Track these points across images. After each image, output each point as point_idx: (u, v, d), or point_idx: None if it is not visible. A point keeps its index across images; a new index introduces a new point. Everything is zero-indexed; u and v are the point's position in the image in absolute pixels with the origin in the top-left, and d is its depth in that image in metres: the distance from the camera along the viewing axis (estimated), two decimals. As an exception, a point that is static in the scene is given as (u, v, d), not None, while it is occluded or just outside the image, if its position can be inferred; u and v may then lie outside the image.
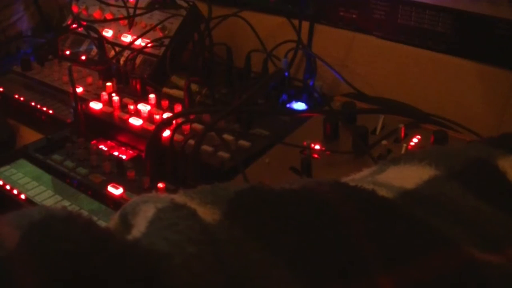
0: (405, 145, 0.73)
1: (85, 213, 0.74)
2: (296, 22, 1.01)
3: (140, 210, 0.30)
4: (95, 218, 0.73)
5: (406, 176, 0.36)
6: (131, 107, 0.88)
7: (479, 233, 0.32)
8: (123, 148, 0.86)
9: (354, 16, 0.98)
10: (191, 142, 0.75)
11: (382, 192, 0.33)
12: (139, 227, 0.29)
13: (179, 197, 0.31)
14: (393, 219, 0.31)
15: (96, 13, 1.15)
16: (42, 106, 1.00)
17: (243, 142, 0.79)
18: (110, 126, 0.88)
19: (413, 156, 0.38)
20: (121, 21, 1.13)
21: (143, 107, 0.87)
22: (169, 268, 0.26)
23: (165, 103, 0.89)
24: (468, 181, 0.35)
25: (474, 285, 0.29)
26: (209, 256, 0.27)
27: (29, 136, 0.95)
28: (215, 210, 0.29)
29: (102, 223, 0.72)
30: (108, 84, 0.97)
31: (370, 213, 0.31)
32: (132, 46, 1.07)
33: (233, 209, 0.30)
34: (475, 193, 0.34)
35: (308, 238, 0.29)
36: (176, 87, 0.94)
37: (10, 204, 0.79)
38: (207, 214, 0.29)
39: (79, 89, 0.99)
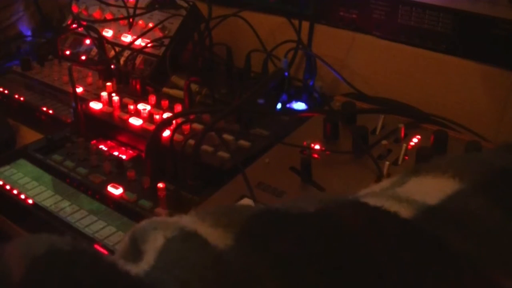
0: (405, 145, 0.73)
1: (85, 213, 0.74)
2: (296, 22, 1.01)
3: (149, 238, 0.29)
4: (94, 218, 0.73)
5: (428, 190, 0.34)
6: (131, 107, 0.88)
7: (507, 256, 0.31)
8: (123, 148, 0.86)
9: (354, 16, 0.98)
10: (191, 142, 0.75)
11: (404, 210, 0.31)
12: (148, 258, 0.28)
13: (190, 222, 0.30)
14: (417, 246, 0.29)
15: (96, 13, 1.15)
16: (42, 106, 1.00)
17: (243, 142, 0.79)
18: (110, 126, 0.88)
19: (436, 167, 0.36)
20: (121, 21, 1.13)
21: (143, 107, 0.87)
22: None
23: (165, 103, 0.89)
24: (494, 195, 0.33)
25: None
26: None
27: (29, 136, 0.95)
28: (228, 234, 0.28)
29: (102, 223, 0.72)
30: (108, 84, 0.97)
31: (393, 241, 0.29)
32: (132, 46, 1.07)
33: (247, 234, 0.28)
34: (502, 208, 0.32)
35: (328, 268, 0.27)
36: (176, 87, 0.94)
37: (10, 204, 0.79)
38: (219, 238, 0.28)
39: (79, 89, 0.99)
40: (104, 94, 0.92)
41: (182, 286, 0.26)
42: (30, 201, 0.77)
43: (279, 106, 0.89)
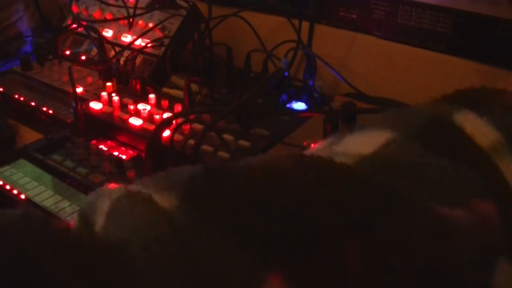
0: (405, 145, 0.73)
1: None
2: (296, 22, 1.01)
3: (97, 207, 0.30)
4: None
5: (363, 142, 0.35)
6: (131, 107, 0.88)
7: (443, 189, 0.32)
8: (123, 148, 0.86)
9: (354, 16, 0.98)
10: (191, 142, 0.75)
11: (340, 160, 0.33)
12: (99, 222, 0.29)
13: (134, 186, 0.31)
14: (353, 185, 0.31)
15: (96, 13, 1.15)
16: (42, 106, 1.00)
17: (243, 142, 0.79)
18: (110, 126, 0.88)
19: (369, 123, 0.38)
20: (121, 21, 1.13)
21: (143, 107, 0.87)
22: (127, 255, 0.26)
23: (165, 103, 0.89)
24: (426, 140, 0.35)
25: (442, 241, 0.30)
26: (169, 238, 0.27)
27: (29, 136, 0.95)
28: (171, 196, 0.29)
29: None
30: (108, 84, 0.97)
31: (329, 180, 0.30)
32: (132, 46, 1.07)
33: (189, 192, 0.29)
34: (434, 151, 0.34)
35: (267, 214, 0.28)
36: (176, 87, 0.94)
37: (10, 204, 0.79)
38: (164, 200, 0.29)
39: (79, 89, 0.99)
40: (104, 94, 0.92)
41: (130, 232, 0.27)
42: (30, 201, 0.77)
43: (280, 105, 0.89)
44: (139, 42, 1.07)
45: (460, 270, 0.30)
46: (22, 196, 0.78)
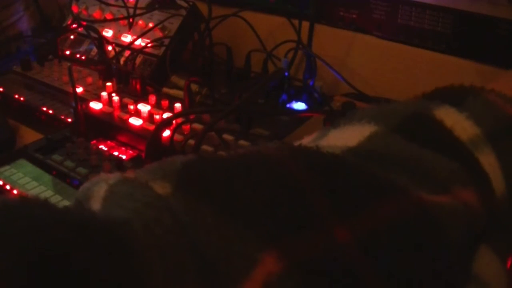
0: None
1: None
2: (296, 22, 1.01)
3: (92, 192, 0.31)
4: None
5: (347, 136, 0.37)
6: (131, 107, 0.88)
7: (426, 177, 0.33)
8: (123, 148, 0.86)
9: (354, 16, 0.98)
10: (191, 142, 0.75)
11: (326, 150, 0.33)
12: (95, 206, 0.29)
13: (130, 174, 0.31)
14: (340, 172, 0.31)
15: (96, 13, 1.15)
16: (42, 106, 1.00)
17: (243, 142, 0.79)
18: (110, 126, 0.88)
19: (352, 118, 0.39)
20: (121, 21, 1.13)
21: (143, 107, 0.87)
22: (130, 232, 0.26)
23: (165, 103, 0.89)
24: (408, 133, 0.36)
25: (426, 225, 0.31)
26: (168, 220, 0.27)
27: (29, 136, 0.95)
28: (166, 184, 0.30)
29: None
30: (108, 84, 0.97)
31: (317, 167, 0.31)
32: (132, 46, 1.07)
33: (183, 180, 0.30)
34: (417, 143, 0.35)
35: (260, 198, 0.29)
36: (176, 87, 0.94)
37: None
38: (159, 188, 0.29)
39: (79, 89, 0.99)
40: (104, 94, 0.92)
41: (130, 212, 0.27)
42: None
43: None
44: (139, 42, 1.07)
45: (444, 254, 0.31)
46: (22, 196, 0.78)
